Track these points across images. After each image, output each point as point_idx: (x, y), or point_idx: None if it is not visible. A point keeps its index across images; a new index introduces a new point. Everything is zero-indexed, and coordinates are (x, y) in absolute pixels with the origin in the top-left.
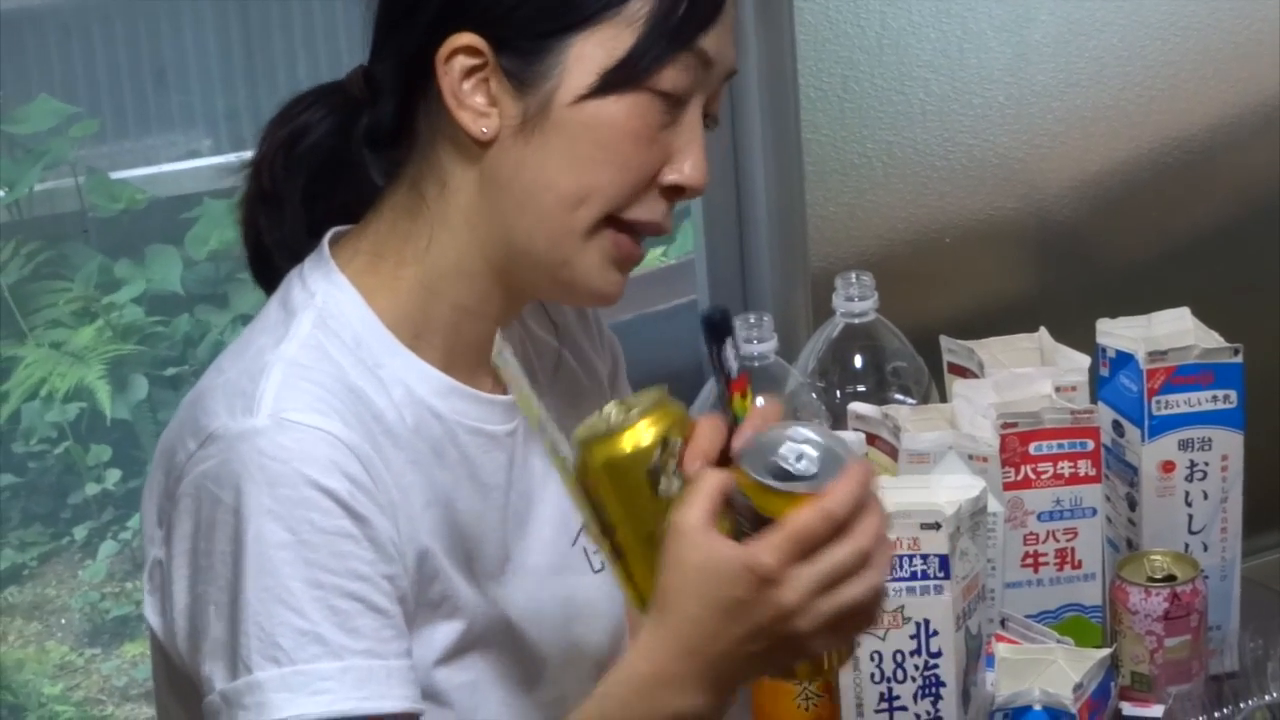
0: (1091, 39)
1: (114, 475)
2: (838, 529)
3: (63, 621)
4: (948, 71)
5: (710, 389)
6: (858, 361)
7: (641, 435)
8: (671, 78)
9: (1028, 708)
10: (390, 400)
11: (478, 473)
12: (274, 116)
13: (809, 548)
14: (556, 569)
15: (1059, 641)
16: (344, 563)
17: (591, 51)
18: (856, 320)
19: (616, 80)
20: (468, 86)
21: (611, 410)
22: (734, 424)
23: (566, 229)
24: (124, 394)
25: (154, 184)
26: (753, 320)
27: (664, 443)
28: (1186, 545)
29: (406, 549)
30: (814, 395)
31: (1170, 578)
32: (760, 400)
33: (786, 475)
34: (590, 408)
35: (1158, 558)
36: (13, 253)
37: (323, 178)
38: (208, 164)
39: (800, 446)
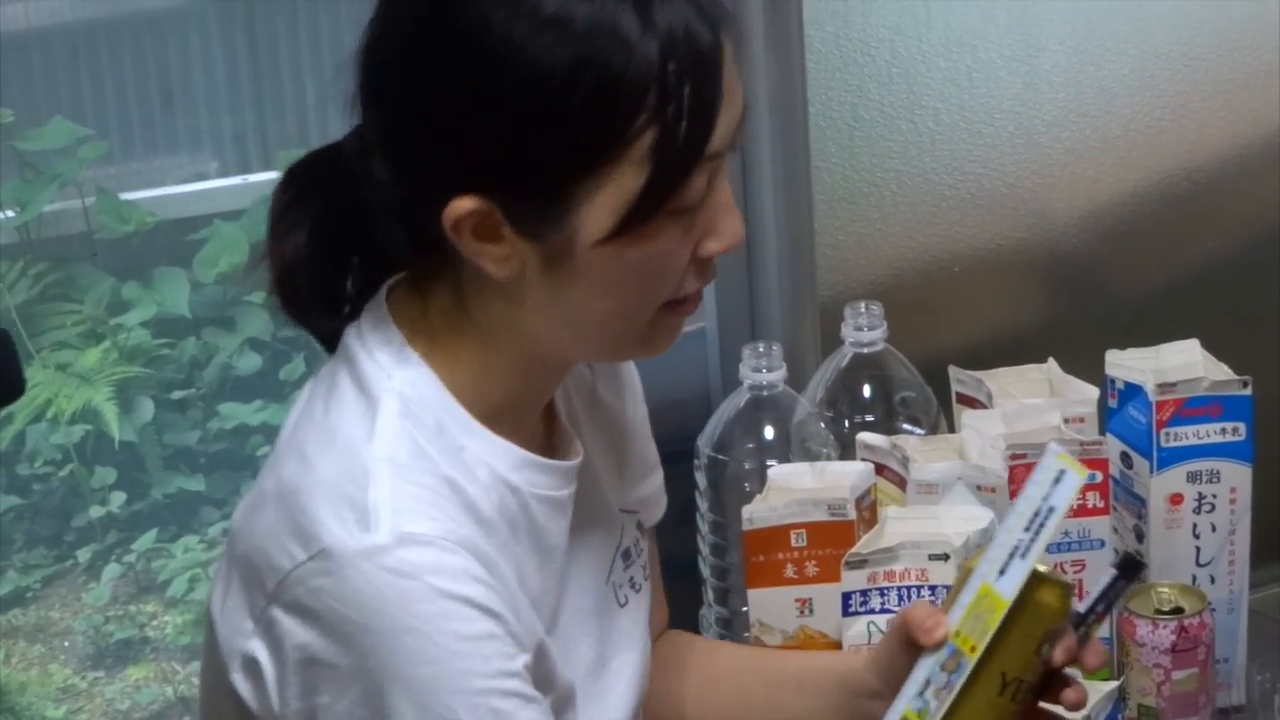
0: (1101, 69)
1: (119, 498)
2: None
3: (66, 644)
4: (957, 101)
5: (721, 413)
6: (866, 391)
7: (1067, 599)
8: (692, 192)
9: None
10: (479, 486)
11: (543, 539)
12: (270, 214)
13: None
14: (596, 611)
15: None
16: (492, 664)
17: (603, 197)
18: (865, 350)
19: (636, 219)
20: (482, 239)
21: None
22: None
23: (618, 336)
24: (130, 416)
25: (161, 206)
26: (761, 349)
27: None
28: (1194, 577)
29: (528, 634)
30: (822, 425)
31: (1178, 610)
32: None
33: None
34: (619, 441)
35: (1165, 590)
36: (20, 274)
37: (346, 255)
38: (215, 186)
39: None
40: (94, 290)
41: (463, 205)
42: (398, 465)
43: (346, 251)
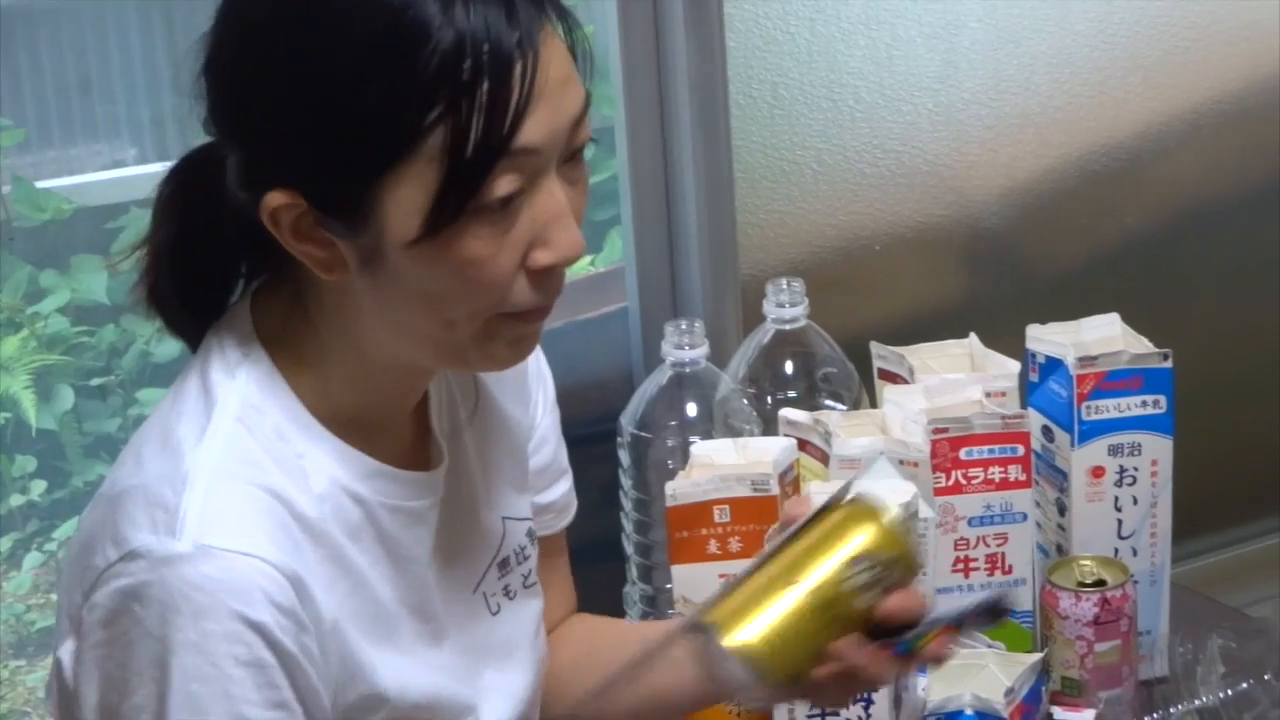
0: (1020, 46)
1: (39, 486)
2: None
3: None
4: (877, 79)
5: (643, 390)
6: (788, 367)
7: (886, 531)
8: (500, 188)
9: (959, 712)
10: (311, 495)
11: (396, 548)
12: (153, 206)
13: None
14: (465, 620)
15: (990, 646)
16: (264, 694)
17: (405, 194)
18: (787, 326)
19: (440, 219)
20: (299, 232)
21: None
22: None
23: (450, 345)
24: (49, 404)
25: (79, 194)
26: (684, 326)
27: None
28: (1116, 550)
29: (331, 657)
30: (744, 401)
31: (1100, 583)
32: None
33: None
34: (518, 449)
35: (1087, 563)
36: None
37: (213, 254)
38: (134, 173)
39: None
40: (11, 279)
41: (274, 199)
42: (219, 471)
43: (213, 250)
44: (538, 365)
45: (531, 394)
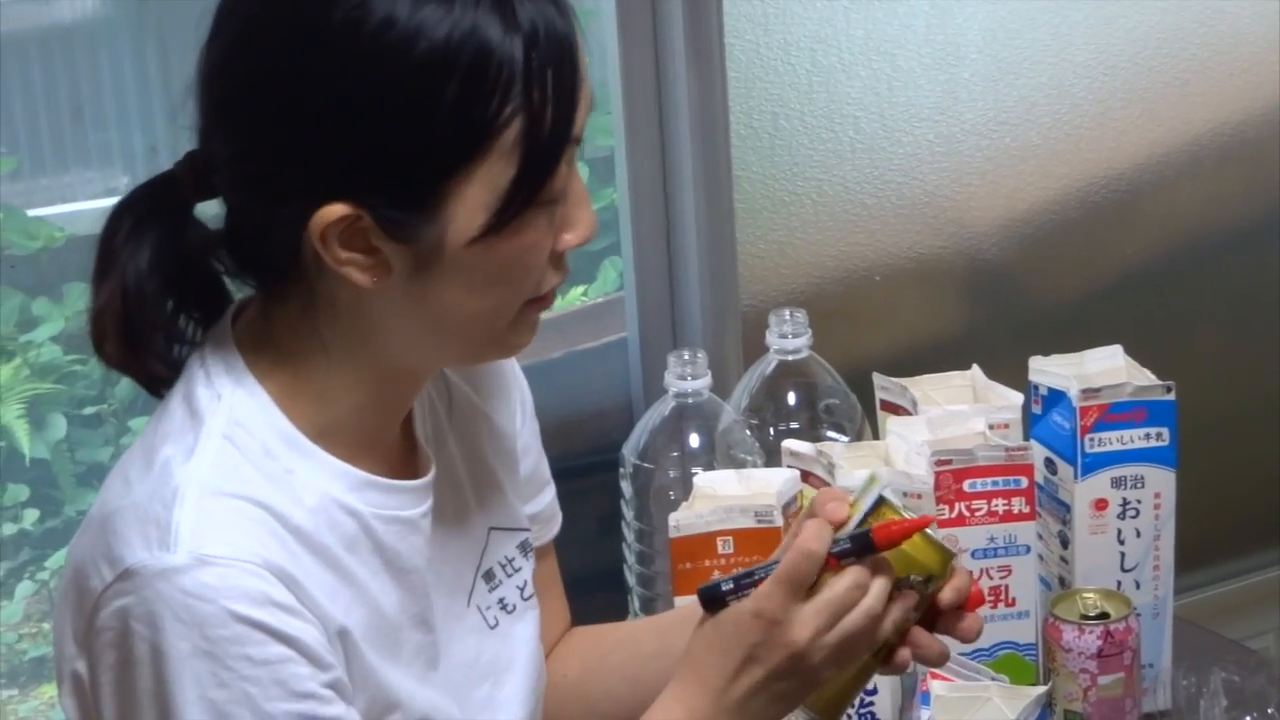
0: (1020, 78)
1: (32, 515)
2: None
3: None
4: (877, 110)
5: (646, 421)
6: (791, 398)
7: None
8: (559, 180)
9: None
10: (303, 508)
11: (395, 559)
12: (101, 252)
13: (800, 588)
14: (461, 634)
15: (994, 679)
16: (286, 687)
17: (474, 192)
18: (790, 357)
19: (508, 214)
20: (348, 247)
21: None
22: None
23: (481, 337)
24: (42, 433)
25: (71, 222)
26: (686, 357)
27: None
28: (1119, 583)
29: (340, 659)
30: (747, 432)
31: (1103, 615)
32: None
33: None
34: (504, 459)
35: (1091, 595)
36: None
37: (186, 285)
38: None
39: None
40: (4, 307)
41: (332, 212)
42: (210, 486)
43: (186, 282)
44: (513, 373)
45: (511, 401)
